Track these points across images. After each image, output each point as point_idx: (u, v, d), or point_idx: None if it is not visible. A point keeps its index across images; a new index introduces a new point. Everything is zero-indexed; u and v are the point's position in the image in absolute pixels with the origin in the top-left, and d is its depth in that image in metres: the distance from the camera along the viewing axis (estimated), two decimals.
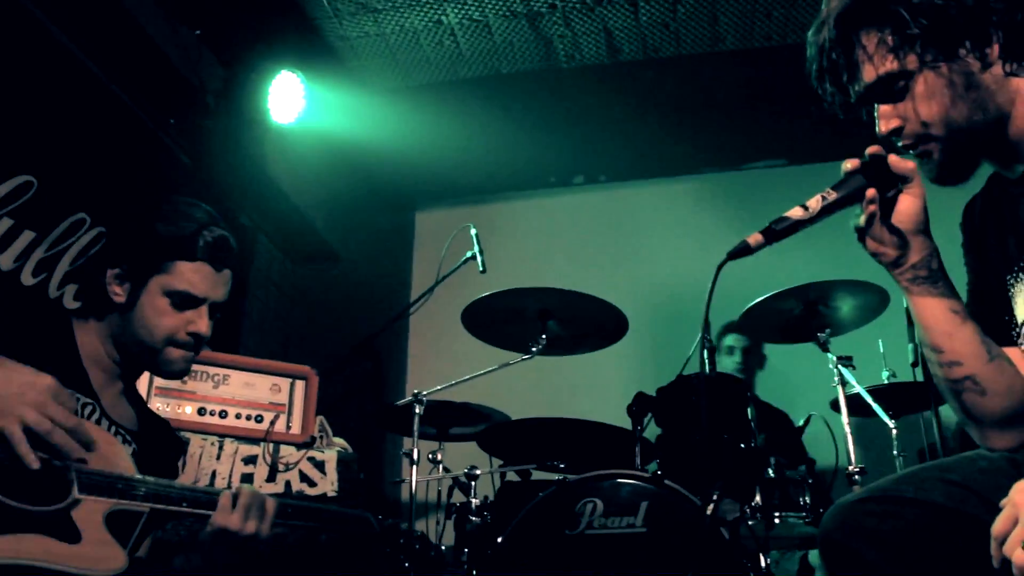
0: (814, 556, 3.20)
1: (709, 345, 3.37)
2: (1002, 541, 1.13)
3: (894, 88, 1.44)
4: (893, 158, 1.43)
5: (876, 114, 1.49)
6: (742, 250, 1.41)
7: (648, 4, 4.60)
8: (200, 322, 1.94)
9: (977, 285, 1.64)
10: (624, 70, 5.17)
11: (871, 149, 1.45)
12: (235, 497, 1.86)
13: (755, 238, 1.40)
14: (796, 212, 1.41)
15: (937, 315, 1.49)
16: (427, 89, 5.28)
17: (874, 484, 1.57)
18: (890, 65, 1.42)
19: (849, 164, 1.45)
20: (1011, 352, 1.53)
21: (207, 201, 2.07)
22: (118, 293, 1.91)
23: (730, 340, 4.67)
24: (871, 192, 1.43)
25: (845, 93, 1.50)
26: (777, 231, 1.40)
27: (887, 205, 1.46)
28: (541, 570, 2.61)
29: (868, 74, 1.45)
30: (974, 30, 1.39)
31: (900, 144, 1.48)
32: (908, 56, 1.41)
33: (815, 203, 1.42)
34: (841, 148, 1.60)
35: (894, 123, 1.46)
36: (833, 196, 1.42)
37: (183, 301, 1.92)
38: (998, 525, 1.15)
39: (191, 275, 1.92)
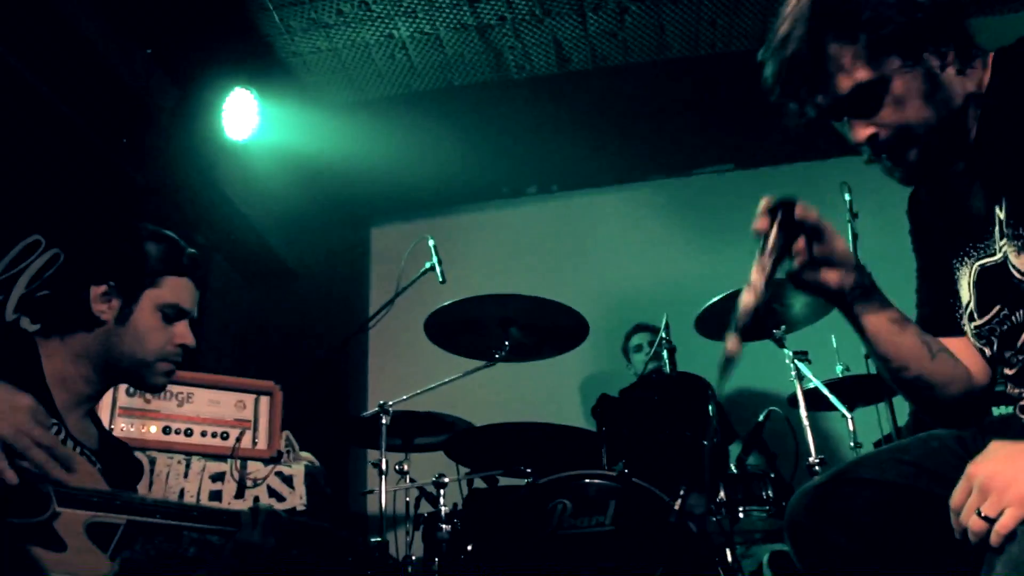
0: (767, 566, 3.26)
1: (670, 346, 3.44)
2: (959, 512, 1.21)
3: (868, 96, 1.47)
4: (799, 209, 1.43)
5: (849, 124, 1.52)
6: (728, 362, 1.34)
7: (596, 14, 4.69)
8: (188, 334, 2.03)
9: (925, 269, 1.73)
10: (574, 80, 5.25)
11: (764, 203, 1.43)
12: (255, 514, 1.95)
13: (733, 345, 1.33)
14: (748, 299, 1.36)
15: (880, 327, 1.56)
16: (380, 103, 5.31)
17: (834, 469, 1.63)
18: (864, 74, 1.45)
19: (760, 224, 1.42)
20: (954, 342, 1.62)
21: (161, 220, 2.15)
22: (104, 311, 1.94)
23: (637, 339, 4.92)
24: (800, 244, 1.45)
25: (814, 105, 1.52)
26: (750, 326, 1.36)
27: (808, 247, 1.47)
28: (513, 572, 2.64)
29: (842, 85, 1.47)
30: (935, 34, 1.45)
31: (873, 153, 1.51)
32: (880, 64, 1.44)
33: (757, 278, 1.38)
34: (785, 151, 1.64)
35: (870, 130, 1.49)
36: (769, 263, 1.40)
37: (173, 314, 2.00)
38: (955, 497, 1.22)
39: (180, 289, 2.01)
